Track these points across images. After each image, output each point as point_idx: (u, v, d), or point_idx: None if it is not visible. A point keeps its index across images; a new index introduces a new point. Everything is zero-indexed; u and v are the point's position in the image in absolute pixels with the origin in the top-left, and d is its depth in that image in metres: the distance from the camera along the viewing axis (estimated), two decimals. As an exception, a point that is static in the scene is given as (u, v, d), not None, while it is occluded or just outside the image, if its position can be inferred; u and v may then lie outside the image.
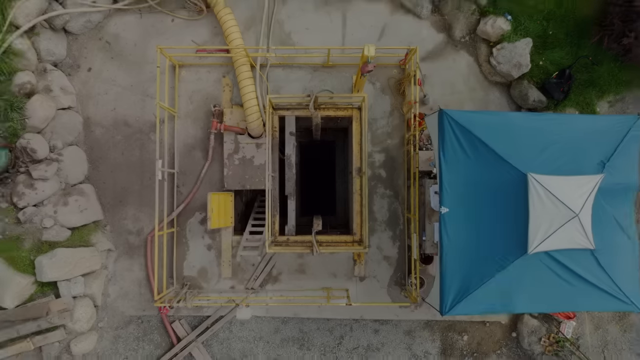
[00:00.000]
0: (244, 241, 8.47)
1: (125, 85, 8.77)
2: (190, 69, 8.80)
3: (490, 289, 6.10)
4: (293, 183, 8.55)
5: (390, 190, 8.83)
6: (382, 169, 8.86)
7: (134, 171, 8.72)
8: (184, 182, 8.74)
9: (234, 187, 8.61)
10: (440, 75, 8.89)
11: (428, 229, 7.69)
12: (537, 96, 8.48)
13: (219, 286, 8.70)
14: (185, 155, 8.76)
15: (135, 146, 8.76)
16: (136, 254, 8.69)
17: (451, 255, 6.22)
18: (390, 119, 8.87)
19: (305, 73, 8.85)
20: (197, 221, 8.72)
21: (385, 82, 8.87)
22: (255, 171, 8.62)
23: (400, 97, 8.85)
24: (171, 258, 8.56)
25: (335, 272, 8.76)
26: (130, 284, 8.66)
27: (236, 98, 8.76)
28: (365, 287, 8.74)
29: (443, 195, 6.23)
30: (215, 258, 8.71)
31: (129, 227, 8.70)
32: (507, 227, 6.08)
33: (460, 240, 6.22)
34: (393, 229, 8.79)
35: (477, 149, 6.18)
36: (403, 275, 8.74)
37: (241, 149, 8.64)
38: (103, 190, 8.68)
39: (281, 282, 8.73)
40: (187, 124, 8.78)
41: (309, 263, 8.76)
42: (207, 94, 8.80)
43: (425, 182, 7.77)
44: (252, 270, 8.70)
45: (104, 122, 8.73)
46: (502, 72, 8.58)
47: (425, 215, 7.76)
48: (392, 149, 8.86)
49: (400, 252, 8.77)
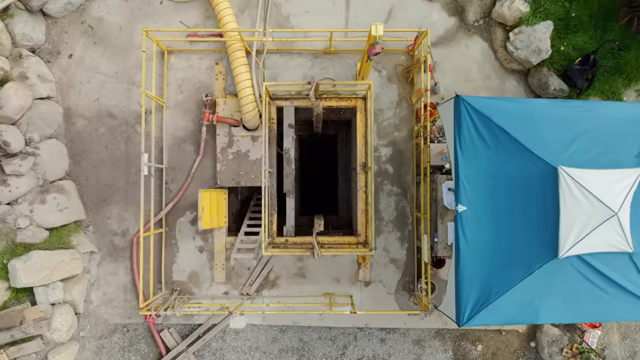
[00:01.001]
0: (239, 243, 7.77)
1: (110, 73, 8.07)
2: (180, 55, 8.10)
3: (514, 298, 5.41)
4: (292, 180, 7.86)
5: (398, 187, 8.12)
6: (388, 164, 8.15)
7: (119, 167, 8.03)
8: (173, 178, 8.04)
9: (228, 184, 7.91)
10: (451, 63, 8.18)
11: (441, 229, 6.98)
12: (558, 84, 7.77)
13: (212, 292, 8.00)
14: (174, 149, 8.06)
15: (121, 139, 8.06)
16: (121, 256, 7.99)
17: (469, 260, 5.53)
18: (398, 110, 8.17)
19: (305, 60, 8.15)
20: (188, 221, 8.02)
21: (392, 69, 8.16)
22: (251, 166, 7.92)
23: (408, 86, 8.14)
24: (159, 261, 7.86)
25: (338, 277, 8.06)
26: (115, 289, 7.96)
27: (230, 87, 8.07)
28: (370, 292, 8.03)
29: (459, 192, 5.54)
30: (207, 261, 8.02)
31: (113, 227, 8.00)
32: (534, 228, 5.39)
33: (480, 243, 5.54)
34: (401, 230, 8.09)
35: (498, 139, 5.51)
36: (412, 279, 8.03)
37: (235, 142, 7.94)
38: (85, 188, 7.99)
39: (279, 287, 8.03)
40: (176, 115, 8.09)
41: (310, 267, 8.06)
42: (198, 83, 8.10)
43: (437, 178, 7.06)
44: (247, 274, 8.00)
45: (86, 113, 8.04)
46: (519, 59, 7.88)
47: (437, 215, 7.05)
48: (399, 142, 8.16)
49: (409, 255, 8.06)
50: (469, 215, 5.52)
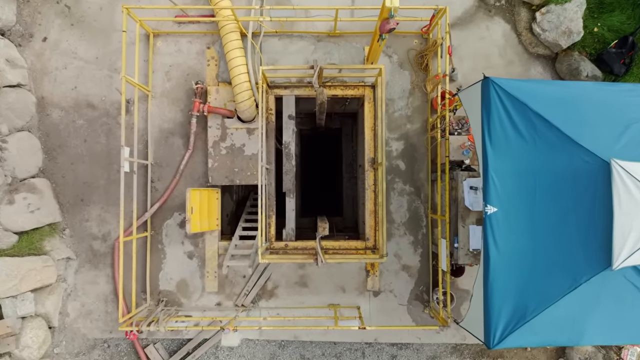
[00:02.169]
0: (232, 248, 6.92)
1: (89, 58, 7.23)
2: (168, 39, 7.26)
3: (554, 316, 4.58)
4: (292, 177, 7.02)
5: (411, 186, 7.28)
6: (400, 159, 7.30)
7: (99, 163, 7.19)
8: (160, 176, 7.20)
9: (221, 182, 7.06)
10: (470, 47, 7.33)
11: (462, 233, 6.13)
12: (591, 70, 6.92)
13: (202, 302, 7.16)
14: (161, 143, 7.22)
15: (101, 132, 7.22)
16: (102, 263, 7.15)
17: (501, 270, 4.70)
18: (410, 100, 7.32)
19: (307, 43, 7.31)
20: (176, 223, 7.18)
21: (404, 54, 7.32)
22: (247, 162, 7.08)
23: (422, 73, 7.29)
24: (143, 269, 7.03)
25: (344, 285, 7.21)
26: (95, 299, 7.12)
27: (223, 74, 7.23)
28: (380, 303, 7.19)
29: (488, 190, 4.71)
30: (197, 268, 7.17)
31: (93, 230, 7.16)
32: (580, 233, 4.56)
33: (513, 250, 4.72)
34: (414, 233, 7.24)
35: (536, 129, 4.69)
36: (426, 288, 7.19)
37: (229, 135, 7.09)
38: (61, 186, 7.15)
39: (278, 297, 7.19)
40: (163, 105, 7.24)
41: (312, 275, 7.22)
42: (188, 69, 7.25)
43: (457, 175, 6.21)
44: (242, 283, 7.16)
45: (62, 103, 7.20)
46: (547, 42, 7.03)
47: (457, 217, 6.20)
48: (412, 135, 7.31)
49: (423, 261, 7.22)
50: (500, 218, 4.70)
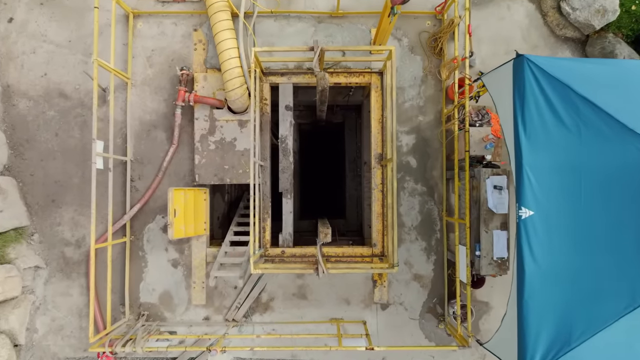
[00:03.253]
0: (222, 256, 6.11)
1: (61, 42, 6.43)
2: (150, 20, 6.46)
3: (607, 343, 3.80)
4: (290, 176, 6.23)
5: (423, 185, 6.48)
6: (411, 155, 6.50)
7: (72, 159, 6.39)
8: (141, 174, 6.40)
9: (209, 181, 6.26)
10: (489, 29, 6.54)
11: (484, 239, 5.33)
12: (628, 53, 6.13)
13: (189, 317, 6.35)
14: (142, 137, 6.42)
15: (75, 125, 6.42)
16: (75, 272, 6.35)
17: (538, 286, 3.91)
18: (423, 88, 6.52)
19: (307, 25, 6.51)
20: (159, 227, 6.38)
21: (416, 37, 6.52)
22: (238, 159, 6.28)
23: (436, 58, 6.49)
24: (122, 279, 6.23)
25: (348, 297, 6.41)
26: (67, 313, 6.32)
27: (212, 59, 6.43)
28: (389, 317, 6.38)
29: (523, 190, 3.93)
30: (183, 278, 6.37)
31: (65, 235, 6.36)
32: (638, 242, 3.75)
33: (554, 262, 3.94)
34: (427, 238, 6.44)
35: (581, 115, 3.92)
36: (440, 300, 6.39)
37: (219, 128, 6.30)
38: (29, 186, 6.35)
39: (274, 311, 6.38)
40: (144, 95, 6.44)
41: (312, 285, 6.41)
42: (172, 54, 6.46)
43: (479, 173, 5.41)
44: (233, 294, 6.35)
45: (31, 92, 6.40)
46: (577, 22, 6.23)
47: (479, 220, 5.40)
48: (424, 128, 6.51)
49: (437, 270, 6.41)
50: (537, 223, 3.91)
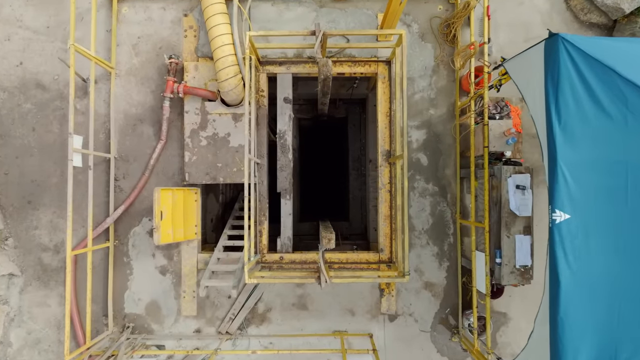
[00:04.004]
0: (214, 263, 5.56)
1: (38, 28, 5.88)
2: (136, 4, 5.90)
3: (660, 368, 3.23)
4: (289, 174, 5.68)
5: (435, 185, 5.93)
6: (421, 152, 5.95)
7: (51, 156, 5.84)
8: (126, 172, 5.85)
9: (200, 181, 5.71)
10: (506, 14, 5.99)
11: (506, 245, 4.78)
12: (662, 40, 5.56)
13: (178, 329, 5.81)
14: (127, 132, 5.87)
15: (54, 119, 5.88)
16: (54, 280, 5.80)
17: (576, 301, 3.38)
18: (434, 79, 5.97)
19: (307, 10, 5.96)
20: (145, 231, 5.83)
21: (426, 23, 5.97)
22: (232, 156, 5.73)
23: (448, 46, 5.94)
24: (105, 287, 5.69)
25: (353, 307, 5.87)
26: (45, 325, 5.78)
27: (204, 47, 5.88)
28: (397, 329, 5.84)
29: (558, 190, 3.40)
30: (172, 287, 5.82)
31: (42, 240, 5.81)
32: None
33: (594, 273, 3.41)
34: (439, 243, 5.89)
35: (627, 102, 3.40)
36: (454, 310, 5.84)
37: (211, 122, 5.74)
38: (3, 185, 5.80)
39: (271, 322, 5.84)
40: (130, 86, 5.89)
41: (313, 294, 5.87)
42: (160, 41, 5.91)
43: (500, 171, 4.86)
44: (227, 305, 5.81)
45: (5, 82, 5.85)
46: (604, 6, 5.68)
47: (499, 224, 4.85)
48: (436, 122, 5.96)
49: (450, 277, 5.87)
50: (574, 228, 3.38)
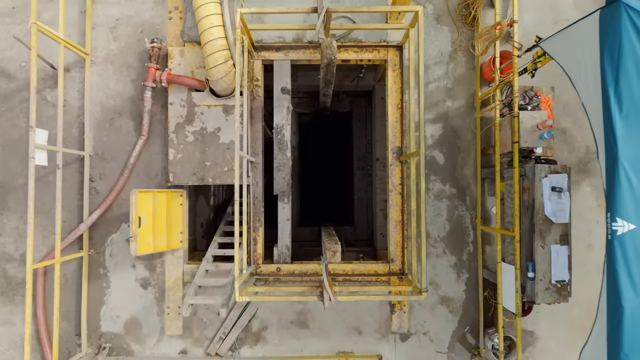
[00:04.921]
0: (200, 276, 4.86)
1: (3, 8, 5.21)
2: (113, -18, 5.24)
3: None
4: (287, 174, 5.00)
5: (452, 186, 5.24)
6: (437, 149, 5.27)
7: (16, 154, 5.16)
8: (103, 172, 5.17)
9: (185, 181, 5.02)
10: (532, -6, 5.32)
11: (540, 257, 4.09)
12: None
13: (161, 350, 5.12)
14: (103, 126, 5.19)
15: (20, 112, 5.19)
16: (20, 295, 5.12)
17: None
18: (451, 67, 5.29)
19: (308, -12, 5.28)
20: (125, 239, 5.15)
21: (442, 4, 5.29)
22: (223, 153, 5.04)
23: (468, 29, 5.26)
24: (78, 303, 5.00)
25: (360, 325, 5.18)
26: (9, 346, 5.09)
27: (191, 31, 5.21)
28: (410, 350, 5.15)
29: (619, 194, 2.81)
30: (154, 302, 5.14)
31: (7, 249, 5.13)
32: None
33: (667, 298, 2.71)
34: (457, 252, 5.21)
35: None
36: (474, 328, 5.16)
37: (198, 115, 5.06)
38: (-37, 187, 5.14)
39: (267, 342, 5.15)
40: (107, 74, 5.21)
41: (315, 310, 5.19)
42: (142, 24, 5.23)
43: (533, 170, 4.18)
44: (217, 322, 5.12)
45: (-35, 70, 5.19)
46: (645, -17, 4.98)
47: (531, 232, 4.17)
48: (454, 116, 5.28)
49: (470, 291, 5.18)
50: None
